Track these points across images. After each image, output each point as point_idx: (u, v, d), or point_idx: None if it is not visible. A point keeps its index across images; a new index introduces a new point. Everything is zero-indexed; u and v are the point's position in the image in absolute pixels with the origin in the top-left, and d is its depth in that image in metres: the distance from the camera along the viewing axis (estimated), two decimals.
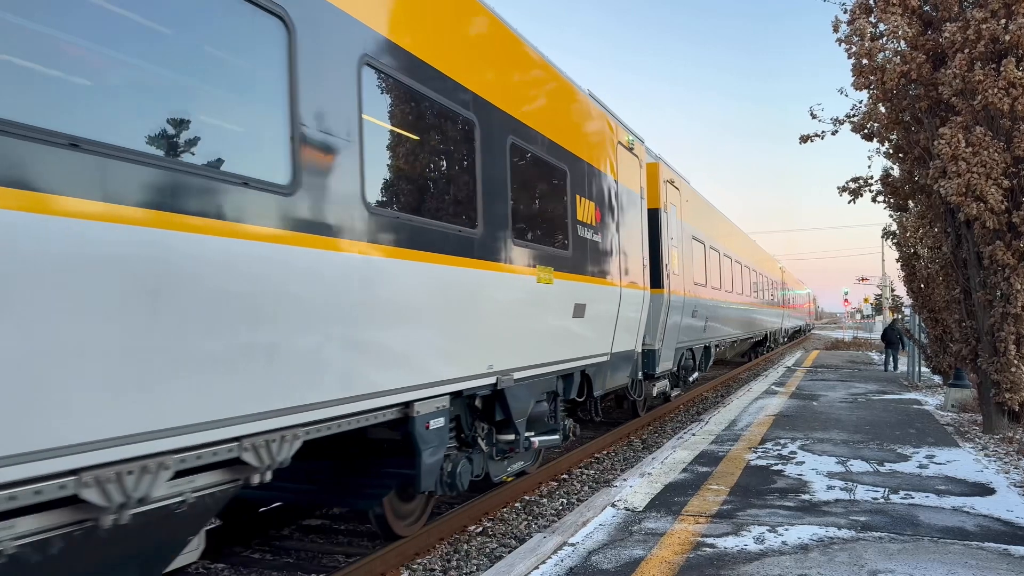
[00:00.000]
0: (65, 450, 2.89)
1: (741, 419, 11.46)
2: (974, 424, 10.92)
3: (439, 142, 5.75)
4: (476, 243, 5.99)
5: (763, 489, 6.93)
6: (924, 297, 14.48)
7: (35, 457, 2.79)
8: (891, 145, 11.41)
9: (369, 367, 4.75)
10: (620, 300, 9.47)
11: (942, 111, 9.97)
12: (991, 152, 8.99)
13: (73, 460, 2.93)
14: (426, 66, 5.47)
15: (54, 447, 2.85)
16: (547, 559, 5.04)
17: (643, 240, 10.89)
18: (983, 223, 9.26)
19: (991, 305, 9.77)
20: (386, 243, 4.83)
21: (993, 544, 5.27)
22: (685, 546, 5.26)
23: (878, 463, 8.09)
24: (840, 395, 14.70)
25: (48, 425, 2.83)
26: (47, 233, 2.83)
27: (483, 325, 6.19)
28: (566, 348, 7.94)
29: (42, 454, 2.81)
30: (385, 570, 5.67)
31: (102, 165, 3.03)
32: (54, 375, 2.86)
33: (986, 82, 8.84)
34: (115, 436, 3.08)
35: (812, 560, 4.95)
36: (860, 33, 9.95)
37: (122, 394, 3.11)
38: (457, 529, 6.76)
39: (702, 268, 15.64)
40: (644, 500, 6.55)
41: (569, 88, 8.47)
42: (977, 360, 10.32)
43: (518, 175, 6.85)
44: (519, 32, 7.28)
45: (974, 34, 9.00)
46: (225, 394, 3.60)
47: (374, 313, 4.73)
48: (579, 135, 8.56)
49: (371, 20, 4.87)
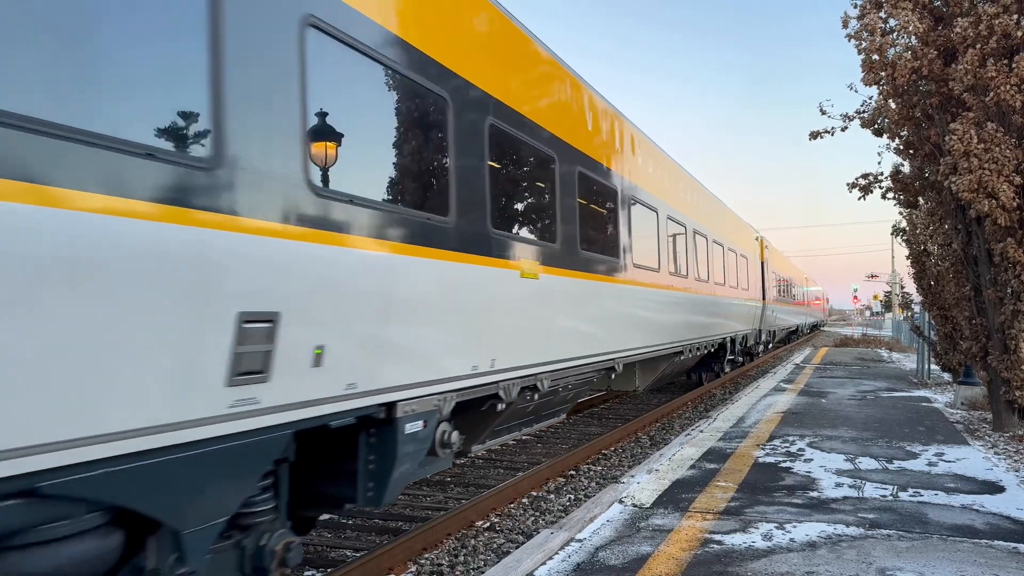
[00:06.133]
0: (530, 366, 6.79)
1: (749, 416, 11.44)
2: (984, 422, 10.87)
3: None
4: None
5: (771, 486, 6.92)
6: (934, 294, 14.39)
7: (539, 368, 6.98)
8: (901, 141, 11.33)
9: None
10: (763, 306, 23.69)
11: (953, 107, 9.90)
12: (1003, 148, 8.92)
13: (532, 370, 6.84)
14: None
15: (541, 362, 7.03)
16: (554, 555, 5.05)
17: (760, 278, 23.79)
18: (994, 220, 9.19)
19: (1002, 302, 9.71)
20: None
21: (1002, 542, 5.25)
22: (693, 543, 5.25)
23: (887, 460, 8.06)
24: (849, 392, 14.65)
25: (542, 355, 7.03)
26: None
27: (722, 319, 16.83)
28: (745, 325, 20.24)
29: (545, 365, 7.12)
30: (392, 565, 5.69)
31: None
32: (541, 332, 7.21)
33: (998, 78, 8.76)
34: (531, 363, 6.83)
35: (820, 557, 4.93)
36: (870, 29, 9.89)
37: (528, 349, 6.79)
38: (464, 524, 6.77)
39: (775, 288, 27.76)
40: (652, 496, 6.55)
41: (738, 220, 20.87)
42: (987, 358, 10.26)
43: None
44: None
45: (986, 29, 8.93)
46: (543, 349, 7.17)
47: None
48: (745, 241, 21.50)
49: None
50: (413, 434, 5.00)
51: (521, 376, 6.60)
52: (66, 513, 2.98)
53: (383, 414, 4.76)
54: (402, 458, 4.91)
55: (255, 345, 3.59)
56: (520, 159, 6.94)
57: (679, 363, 13.64)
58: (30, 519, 2.85)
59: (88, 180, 2.85)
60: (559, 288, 7.34)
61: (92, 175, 2.87)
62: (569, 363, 7.65)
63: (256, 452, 3.78)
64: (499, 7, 6.59)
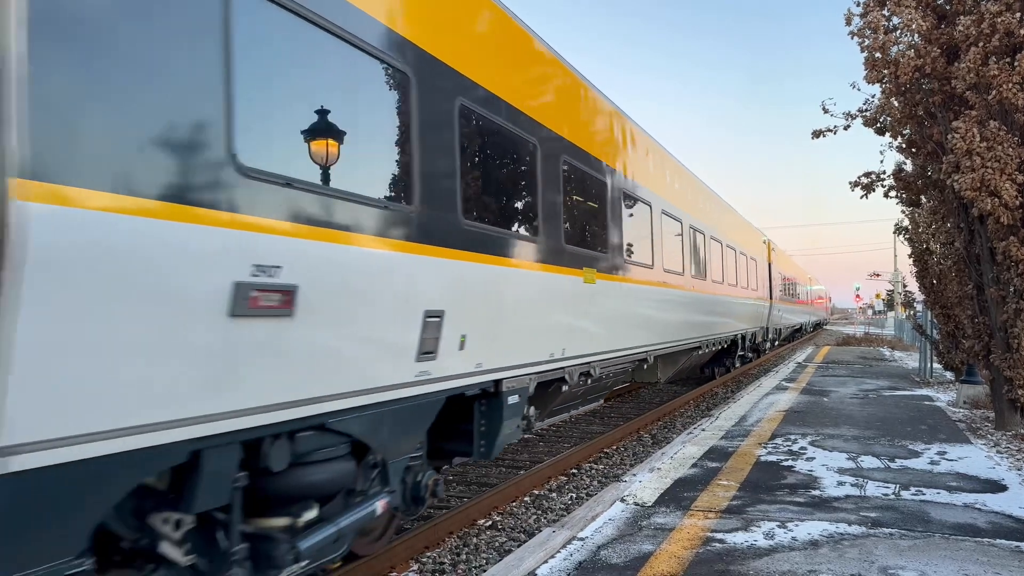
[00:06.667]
0: (587, 356, 7.99)
1: (751, 415, 11.44)
2: (986, 421, 10.85)
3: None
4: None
5: (773, 485, 6.92)
6: (936, 293, 14.38)
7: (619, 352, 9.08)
8: (904, 139, 11.31)
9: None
10: (770, 305, 24.58)
11: (956, 105, 9.88)
12: (1005, 147, 8.89)
13: (589, 358, 8.07)
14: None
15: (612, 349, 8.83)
16: (556, 553, 5.05)
17: (768, 279, 24.80)
18: (997, 218, 9.17)
19: (1004, 301, 9.70)
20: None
21: (1005, 541, 5.25)
22: (695, 541, 5.25)
23: (889, 459, 8.05)
24: (851, 391, 14.64)
25: (595, 347, 8.27)
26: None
27: (735, 318, 17.88)
28: (753, 324, 20.94)
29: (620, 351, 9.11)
30: (394, 563, 5.70)
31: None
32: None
33: (1001, 76, 8.74)
34: (587, 353, 8.01)
35: (822, 556, 4.93)
36: (873, 26, 9.87)
37: (589, 339, 8.09)
38: (466, 523, 6.78)
39: (780, 288, 28.41)
40: (653, 495, 6.55)
41: (748, 225, 21.49)
42: (990, 356, 10.25)
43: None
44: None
45: (988, 28, 8.91)
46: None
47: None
48: (754, 244, 22.43)
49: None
50: (512, 405, 6.40)
51: (580, 363, 7.88)
52: (333, 443, 4.34)
53: (492, 388, 6.14)
54: (506, 423, 6.31)
55: (430, 333, 5.00)
56: (585, 188, 8.38)
57: (696, 357, 14.89)
58: (317, 444, 4.22)
59: (367, 226, 4.39)
60: (609, 291, 8.70)
61: (370, 223, 4.42)
62: (614, 354, 8.99)
63: (427, 410, 5.26)
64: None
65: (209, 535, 3.68)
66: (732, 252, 17.99)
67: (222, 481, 3.58)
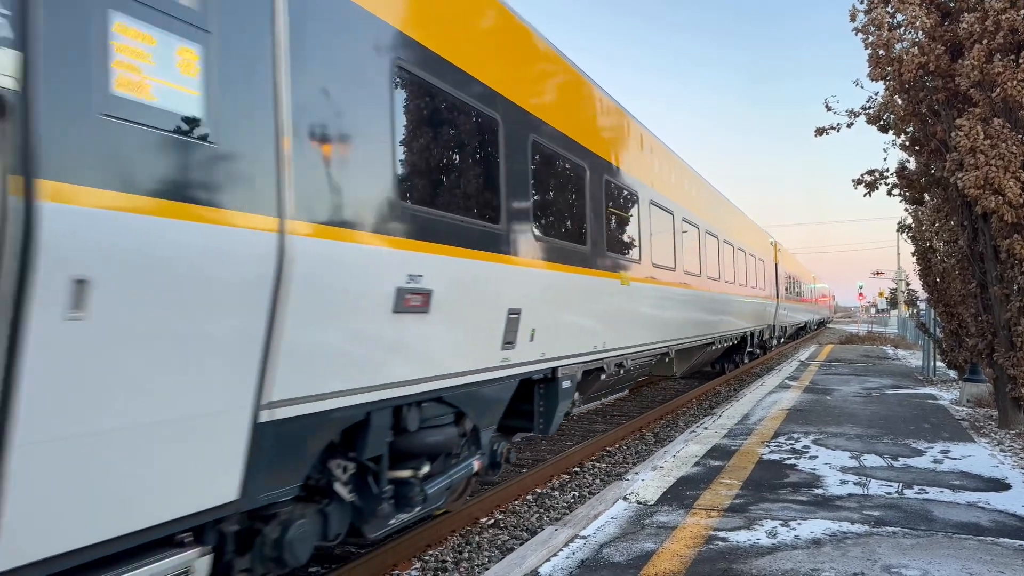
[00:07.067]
0: (621, 349, 8.96)
1: (754, 413, 11.42)
2: (989, 419, 10.83)
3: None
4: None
5: (776, 483, 6.91)
6: (940, 291, 14.34)
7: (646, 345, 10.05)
8: (907, 137, 11.28)
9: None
10: (777, 304, 25.15)
11: (959, 103, 9.85)
12: (1009, 145, 8.87)
13: (623, 351, 9.02)
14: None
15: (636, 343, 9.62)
16: (558, 551, 5.05)
17: (775, 279, 25.58)
18: (1000, 216, 9.14)
19: (1008, 299, 9.67)
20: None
21: (1008, 540, 5.23)
22: (697, 540, 5.25)
23: (892, 458, 8.04)
24: (854, 389, 14.62)
25: (628, 341, 9.28)
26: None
27: (744, 316, 18.69)
28: (762, 322, 21.82)
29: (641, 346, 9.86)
30: (397, 561, 5.70)
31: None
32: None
33: (1005, 74, 8.72)
34: (622, 346, 8.92)
35: (825, 555, 4.93)
36: (877, 23, 9.84)
37: (627, 333, 9.20)
38: (469, 521, 6.78)
39: (786, 287, 29.63)
40: (656, 493, 6.54)
41: (756, 227, 22.03)
42: (993, 355, 10.23)
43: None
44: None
45: (992, 25, 8.88)
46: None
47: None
48: (762, 245, 23.01)
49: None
50: (566, 389, 7.42)
51: (616, 355, 8.80)
52: (446, 411, 5.51)
53: (551, 374, 7.14)
54: (561, 404, 7.35)
55: (511, 327, 6.07)
56: (622, 202, 9.29)
57: (709, 353, 16.08)
58: (436, 412, 5.39)
59: (474, 242, 5.46)
60: (639, 292, 9.61)
61: (475, 240, 5.49)
62: (642, 348, 9.95)
63: (506, 390, 6.37)
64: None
65: (363, 480, 4.75)
66: (743, 254, 18.98)
67: (382, 436, 4.75)
